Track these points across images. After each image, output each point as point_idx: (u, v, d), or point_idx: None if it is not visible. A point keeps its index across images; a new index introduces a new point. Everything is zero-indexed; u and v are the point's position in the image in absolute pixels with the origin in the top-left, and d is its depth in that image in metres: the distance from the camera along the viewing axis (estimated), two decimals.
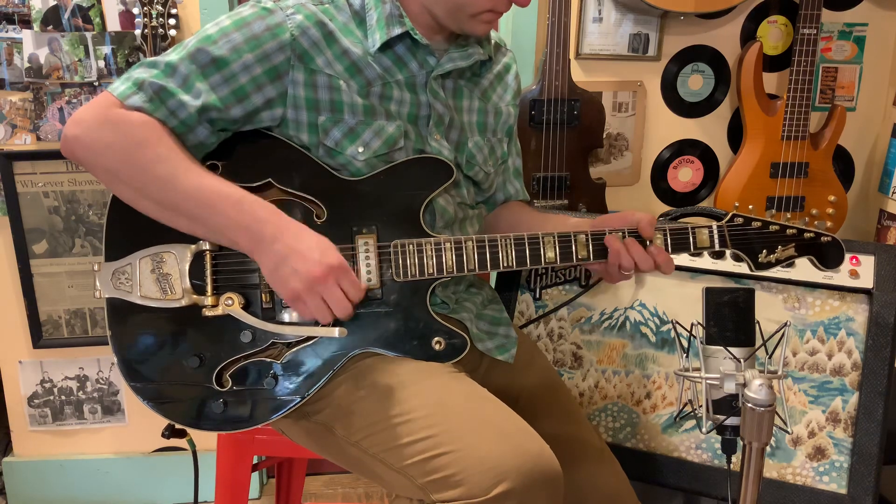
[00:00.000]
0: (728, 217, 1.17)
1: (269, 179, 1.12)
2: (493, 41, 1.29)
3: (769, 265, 1.17)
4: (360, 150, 1.12)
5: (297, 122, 1.12)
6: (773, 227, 1.16)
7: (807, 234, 1.17)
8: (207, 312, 1.10)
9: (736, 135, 2.04)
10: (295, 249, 1.02)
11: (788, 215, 1.96)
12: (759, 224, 1.17)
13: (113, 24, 1.80)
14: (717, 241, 1.16)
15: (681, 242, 1.16)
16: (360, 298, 1.07)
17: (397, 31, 1.13)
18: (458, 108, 1.23)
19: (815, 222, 1.19)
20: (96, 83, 1.82)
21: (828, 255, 1.18)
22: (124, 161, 1.03)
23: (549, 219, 1.32)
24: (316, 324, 1.10)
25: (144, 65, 1.07)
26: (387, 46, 1.14)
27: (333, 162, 1.13)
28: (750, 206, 1.20)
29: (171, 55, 1.07)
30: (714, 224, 1.17)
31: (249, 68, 1.07)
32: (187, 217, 1.05)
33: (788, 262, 1.18)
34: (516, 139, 1.42)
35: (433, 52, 1.17)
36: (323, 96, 1.11)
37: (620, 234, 1.15)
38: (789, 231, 1.17)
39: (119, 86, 1.06)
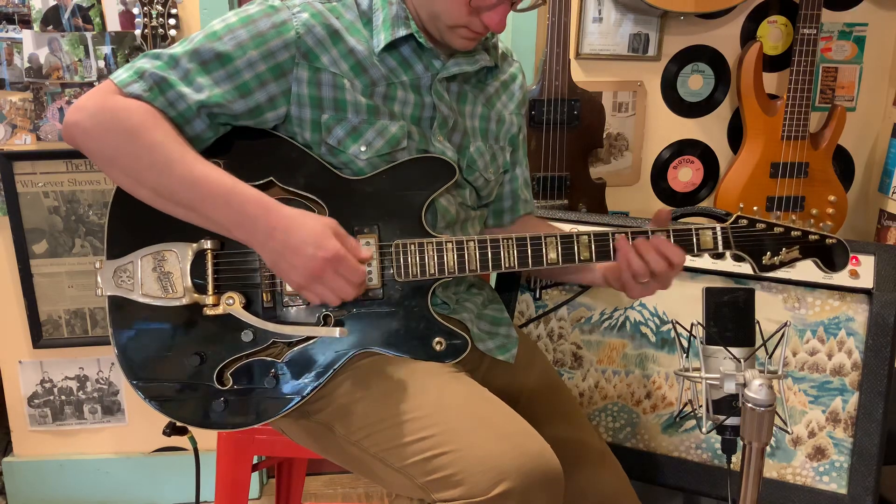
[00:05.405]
0: (732, 219, 1.16)
1: (271, 178, 1.12)
2: (500, 50, 1.29)
3: (773, 267, 1.16)
4: (363, 149, 1.12)
5: (300, 118, 1.12)
6: (777, 230, 1.15)
7: (811, 237, 1.15)
8: (208, 311, 1.10)
9: (736, 135, 2.04)
10: (288, 246, 1.01)
11: (790, 216, 1.96)
12: (763, 226, 1.15)
13: (113, 24, 1.80)
14: (720, 243, 1.15)
15: (684, 244, 1.15)
16: (363, 280, 1.06)
17: (402, 32, 1.12)
18: (462, 112, 1.23)
19: (820, 224, 1.18)
20: (96, 83, 1.81)
21: (832, 258, 1.16)
22: (121, 148, 1.03)
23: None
24: (317, 324, 1.10)
25: (148, 55, 1.07)
26: (392, 47, 1.14)
27: (335, 160, 1.13)
28: (755, 208, 1.19)
29: (176, 48, 1.08)
30: (718, 226, 1.15)
31: (254, 65, 1.07)
32: (183, 206, 1.05)
33: (792, 264, 1.18)
34: (525, 151, 1.39)
35: (438, 56, 1.16)
36: (327, 94, 1.11)
37: (626, 234, 1.14)
38: (794, 233, 1.15)
39: (121, 74, 1.06)
